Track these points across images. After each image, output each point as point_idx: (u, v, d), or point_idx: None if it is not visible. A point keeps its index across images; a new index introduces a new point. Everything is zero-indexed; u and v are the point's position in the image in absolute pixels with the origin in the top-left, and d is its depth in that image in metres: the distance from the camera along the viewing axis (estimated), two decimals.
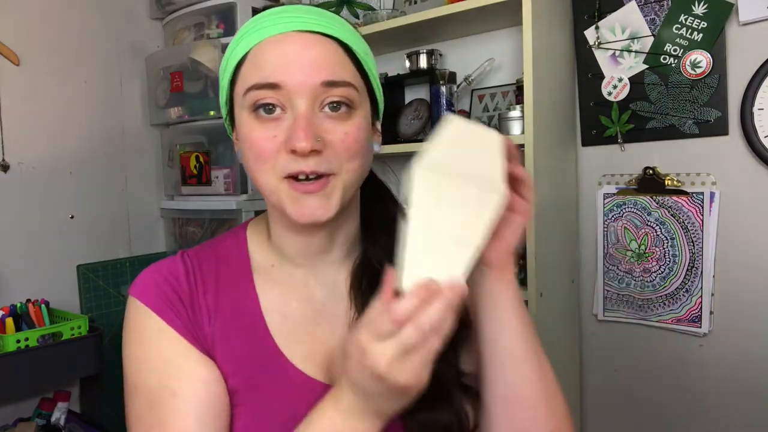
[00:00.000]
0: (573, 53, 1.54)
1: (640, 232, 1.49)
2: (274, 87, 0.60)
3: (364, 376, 0.51)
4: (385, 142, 1.88)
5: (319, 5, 1.80)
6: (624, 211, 1.51)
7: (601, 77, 1.50)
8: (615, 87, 1.48)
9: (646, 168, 1.46)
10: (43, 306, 1.62)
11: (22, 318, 1.57)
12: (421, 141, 1.58)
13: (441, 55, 1.68)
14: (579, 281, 1.60)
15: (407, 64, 1.67)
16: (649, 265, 1.47)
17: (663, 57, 1.41)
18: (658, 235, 1.46)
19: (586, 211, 1.58)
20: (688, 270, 1.42)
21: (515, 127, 1.43)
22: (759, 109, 1.30)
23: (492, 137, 0.57)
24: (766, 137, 1.30)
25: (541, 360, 0.65)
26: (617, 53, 1.47)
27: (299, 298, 0.71)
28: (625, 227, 1.51)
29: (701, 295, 1.40)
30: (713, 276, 1.39)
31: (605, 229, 1.54)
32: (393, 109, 1.70)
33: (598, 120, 1.52)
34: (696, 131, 1.39)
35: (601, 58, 1.50)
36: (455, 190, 0.54)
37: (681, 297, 1.43)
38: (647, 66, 1.43)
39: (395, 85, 1.74)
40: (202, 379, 0.64)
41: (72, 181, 1.91)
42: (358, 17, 1.77)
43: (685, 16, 1.37)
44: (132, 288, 0.68)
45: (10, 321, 1.52)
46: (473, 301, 0.62)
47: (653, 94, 1.43)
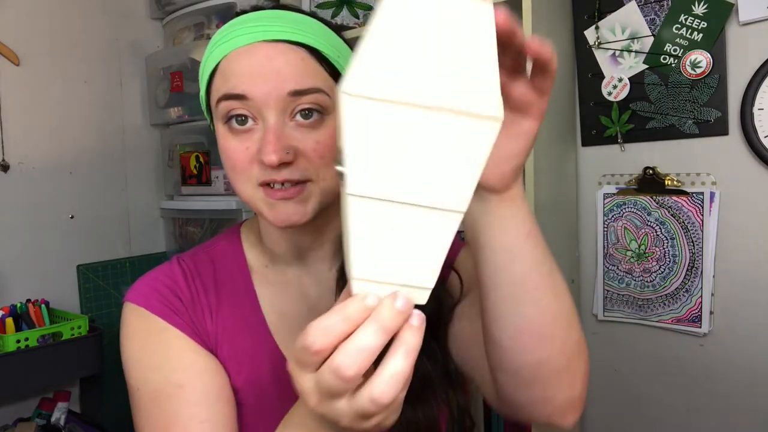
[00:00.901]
0: (573, 53, 1.54)
1: (640, 232, 1.49)
2: (241, 98, 0.60)
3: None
4: None
5: (318, 6, 1.81)
6: (624, 211, 1.51)
7: (601, 77, 1.50)
8: (615, 87, 1.48)
9: (646, 168, 1.46)
10: (43, 306, 1.62)
11: (22, 318, 1.57)
12: None
13: None
14: (579, 281, 1.59)
15: None
16: (649, 265, 1.47)
17: (663, 57, 1.41)
18: (658, 235, 1.46)
19: (586, 211, 1.58)
20: (688, 270, 1.42)
21: None
22: (759, 109, 1.30)
23: (472, 9, 0.35)
24: (766, 137, 1.30)
25: (557, 285, 0.57)
26: (617, 53, 1.47)
27: (294, 297, 0.72)
28: (625, 227, 1.51)
29: (701, 295, 1.40)
30: (713, 276, 1.39)
31: (605, 229, 1.54)
32: None
33: (598, 120, 1.52)
34: (696, 131, 1.39)
35: (601, 58, 1.50)
36: (416, 127, 0.35)
37: (681, 297, 1.43)
38: (647, 66, 1.43)
39: None
40: (209, 370, 0.64)
41: (72, 181, 1.91)
42: (358, 17, 1.77)
43: (685, 16, 1.37)
44: (129, 295, 0.68)
45: (10, 321, 1.52)
46: (474, 229, 0.52)
47: (653, 94, 1.43)
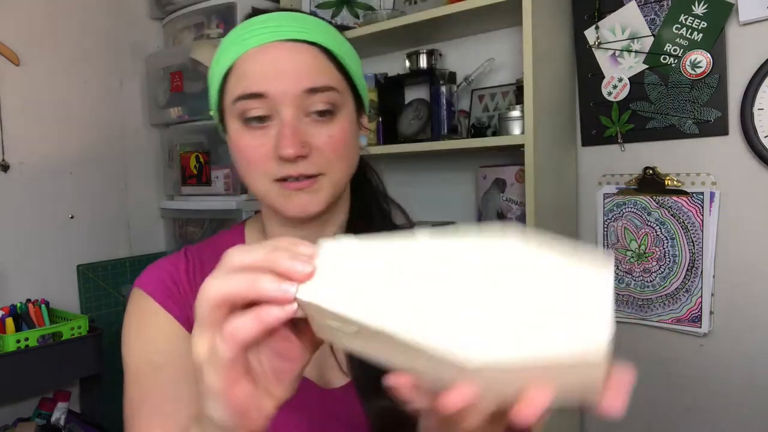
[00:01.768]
0: (573, 53, 1.54)
1: (640, 232, 1.49)
2: (258, 96, 0.63)
3: None
4: (385, 142, 1.87)
5: (318, 6, 1.81)
6: (624, 211, 1.51)
7: (601, 77, 1.50)
8: (615, 87, 1.48)
9: (646, 168, 1.46)
10: (43, 306, 1.62)
11: (22, 318, 1.57)
12: (422, 141, 1.58)
13: (441, 55, 1.68)
14: None
15: (407, 64, 1.67)
16: (649, 265, 1.47)
17: (663, 57, 1.41)
18: (658, 235, 1.46)
19: (586, 211, 1.58)
20: (688, 270, 1.42)
21: (515, 127, 1.44)
22: (759, 109, 1.30)
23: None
24: (766, 137, 1.30)
25: None
26: (617, 53, 1.47)
27: None
28: (625, 227, 1.51)
29: (701, 295, 1.40)
30: (713, 276, 1.39)
31: (605, 229, 1.54)
32: (393, 109, 1.69)
33: (598, 120, 1.52)
34: (696, 131, 1.39)
35: (601, 58, 1.50)
36: None
37: (681, 297, 1.43)
38: (647, 66, 1.43)
39: (395, 85, 1.73)
40: (185, 354, 0.64)
41: (72, 181, 1.91)
42: (358, 17, 1.77)
43: (685, 16, 1.37)
44: (136, 280, 0.72)
45: (10, 321, 1.52)
46: None
47: (653, 94, 1.43)
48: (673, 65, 1.39)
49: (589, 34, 1.51)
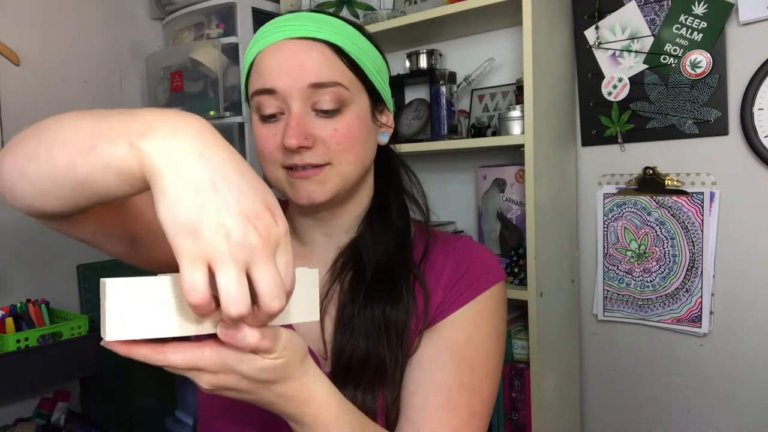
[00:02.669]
0: (573, 53, 1.54)
1: (640, 232, 1.49)
2: (270, 92, 0.67)
3: None
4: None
5: (319, 5, 1.82)
6: (624, 211, 1.51)
7: (601, 77, 1.50)
8: (615, 87, 1.48)
9: (646, 168, 1.46)
10: (43, 306, 1.62)
11: (22, 318, 1.57)
12: (422, 141, 1.58)
13: (441, 55, 1.68)
14: (579, 281, 1.60)
15: (407, 64, 1.67)
16: (649, 265, 1.47)
17: (663, 57, 1.41)
18: (658, 235, 1.46)
19: (586, 211, 1.58)
20: (688, 270, 1.42)
21: (515, 127, 1.43)
22: (759, 109, 1.30)
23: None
24: (766, 137, 1.30)
25: None
26: (617, 53, 1.47)
27: None
28: (625, 227, 1.51)
29: (701, 295, 1.40)
30: (713, 276, 1.39)
31: (605, 229, 1.54)
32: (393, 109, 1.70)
33: (598, 120, 1.52)
34: (696, 131, 1.39)
35: (601, 58, 1.50)
36: None
37: (681, 297, 1.43)
38: (647, 66, 1.43)
39: (395, 85, 1.72)
40: None
41: None
42: (358, 17, 1.77)
43: (685, 16, 1.37)
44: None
45: (10, 321, 1.52)
46: None
47: (653, 94, 1.43)
48: (673, 65, 1.39)
49: (589, 34, 1.51)
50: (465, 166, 1.73)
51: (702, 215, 1.39)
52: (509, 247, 1.52)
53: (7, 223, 1.75)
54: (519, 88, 1.50)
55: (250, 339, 0.44)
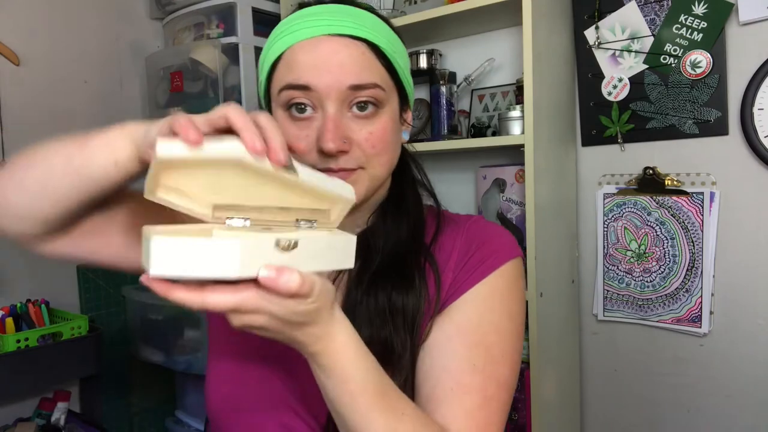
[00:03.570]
0: (573, 53, 1.54)
1: (640, 232, 1.49)
2: (304, 88, 0.64)
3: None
4: None
5: None
6: (624, 211, 1.51)
7: (601, 77, 1.50)
8: (615, 87, 1.48)
9: (646, 168, 1.46)
10: (43, 306, 1.62)
11: (22, 318, 1.57)
12: (422, 141, 1.58)
13: (441, 55, 1.68)
14: (579, 281, 1.60)
15: None
16: (649, 265, 1.47)
17: (663, 57, 1.41)
18: (658, 235, 1.46)
19: (586, 211, 1.58)
20: (688, 270, 1.42)
21: (515, 127, 1.43)
22: (759, 109, 1.30)
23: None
24: (766, 137, 1.30)
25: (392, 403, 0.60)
26: (617, 53, 1.47)
27: None
28: (625, 227, 1.51)
29: (701, 295, 1.40)
30: (713, 276, 1.39)
31: (605, 229, 1.54)
32: None
33: (598, 120, 1.52)
34: (696, 131, 1.39)
35: (601, 58, 1.50)
36: None
37: (681, 297, 1.43)
38: (647, 66, 1.43)
39: None
40: None
41: None
42: None
43: (685, 16, 1.37)
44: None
45: (10, 321, 1.52)
46: None
47: (653, 94, 1.43)
48: (673, 65, 1.39)
49: (589, 34, 1.51)
50: (465, 166, 1.73)
51: (702, 215, 1.39)
52: None
53: None
54: (519, 88, 1.50)
55: (292, 284, 0.46)
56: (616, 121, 1.49)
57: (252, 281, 0.47)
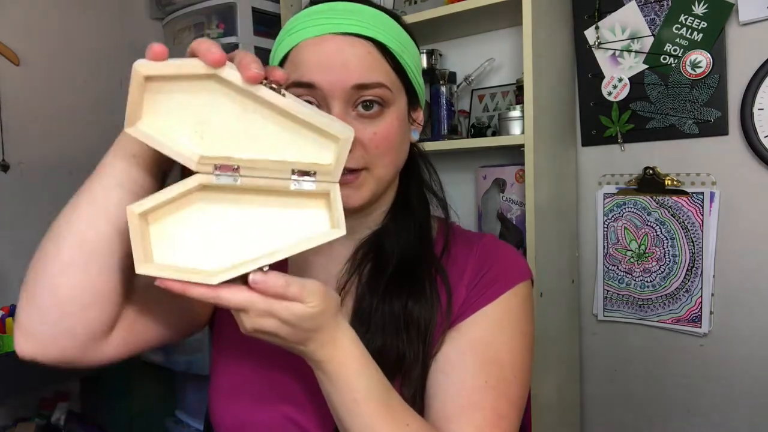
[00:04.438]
0: (573, 53, 1.54)
1: (640, 232, 1.49)
2: (309, 86, 0.64)
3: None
4: None
5: None
6: (624, 211, 1.51)
7: (601, 77, 1.50)
8: (615, 87, 1.48)
9: (646, 168, 1.46)
10: None
11: None
12: (421, 141, 1.58)
13: (441, 55, 1.68)
14: (579, 281, 1.59)
15: None
16: (649, 265, 1.47)
17: (663, 57, 1.41)
18: (658, 235, 1.46)
19: (586, 211, 1.58)
20: (688, 270, 1.42)
21: (515, 127, 1.43)
22: (759, 109, 1.30)
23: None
24: (766, 137, 1.30)
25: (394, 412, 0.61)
26: (617, 53, 1.47)
27: (301, 267, 0.76)
28: (625, 227, 1.51)
29: (701, 295, 1.40)
30: (713, 276, 1.39)
31: (605, 229, 1.54)
32: None
33: (598, 120, 1.52)
34: (696, 131, 1.39)
35: (601, 58, 1.50)
36: None
37: (681, 297, 1.43)
38: (647, 66, 1.43)
39: None
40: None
41: (72, 181, 1.90)
42: None
43: (685, 16, 1.37)
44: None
45: (10, 321, 1.52)
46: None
47: (653, 94, 1.43)
48: (673, 65, 1.39)
49: (589, 34, 1.51)
50: (465, 166, 1.73)
51: (702, 215, 1.39)
52: None
53: (7, 223, 1.75)
54: (519, 88, 1.50)
55: (279, 283, 0.50)
56: (616, 121, 1.49)
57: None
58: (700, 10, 1.35)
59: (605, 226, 1.54)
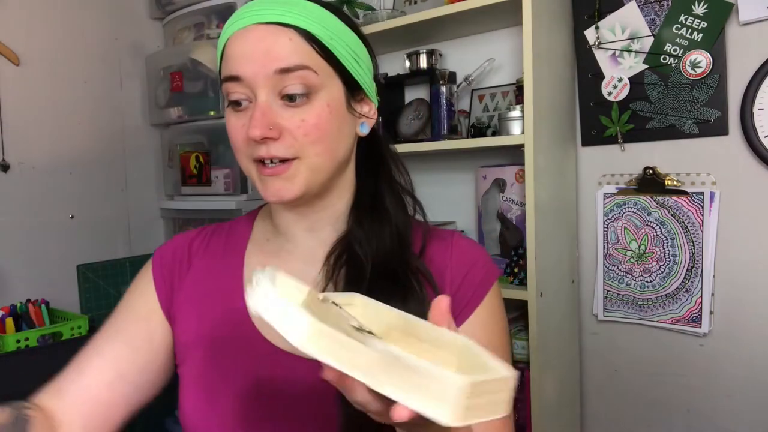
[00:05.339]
0: (573, 53, 1.54)
1: (640, 232, 1.49)
2: (236, 79, 0.65)
3: None
4: None
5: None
6: (624, 211, 1.51)
7: (601, 77, 1.50)
8: (615, 87, 1.48)
9: (646, 168, 1.46)
10: (43, 306, 1.62)
11: (22, 318, 1.57)
12: (422, 141, 1.58)
13: (441, 55, 1.68)
14: (579, 281, 1.60)
15: (407, 64, 1.67)
16: (649, 265, 1.47)
17: (663, 57, 1.41)
18: (658, 235, 1.46)
19: (586, 211, 1.58)
20: (688, 270, 1.42)
21: (515, 127, 1.44)
22: (759, 109, 1.30)
23: None
24: (766, 137, 1.30)
25: None
26: (617, 53, 1.47)
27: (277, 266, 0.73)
28: (625, 227, 1.51)
29: (701, 295, 1.40)
30: (713, 276, 1.39)
31: (605, 229, 1.54)
32: (393, 109, 1.70)
33: (598, 120, 1.52)
34: (696, 131, 1.39)
35: (601, 58, 1.50)
36: None
37: (681, 297, 1.43)
38: (647, 66, 1.43)
39: (395, 85, 1.74)
40: (138, 320, 0.76)
41: (72, 181, 1.91)
42: (358, 17, 1.77)
43: (685, 16, 1.37)
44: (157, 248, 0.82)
45: (10, 321, 1.52)
46: None
47: (653, 94, 1.43)
48: (673, 65, 1.39)
49: (589, 34, 1.51)
50: (465, 166, 1.73)
51: (702, 215, 1.39)
52: (509, 247, 1.52)
53: (7, 223, 1.75)
54: (519, 88, 1.50)
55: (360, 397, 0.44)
56: (616, 121, 1.49)
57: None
58: (700, 10, 1.35)
59: (605, 226, 1.54)
